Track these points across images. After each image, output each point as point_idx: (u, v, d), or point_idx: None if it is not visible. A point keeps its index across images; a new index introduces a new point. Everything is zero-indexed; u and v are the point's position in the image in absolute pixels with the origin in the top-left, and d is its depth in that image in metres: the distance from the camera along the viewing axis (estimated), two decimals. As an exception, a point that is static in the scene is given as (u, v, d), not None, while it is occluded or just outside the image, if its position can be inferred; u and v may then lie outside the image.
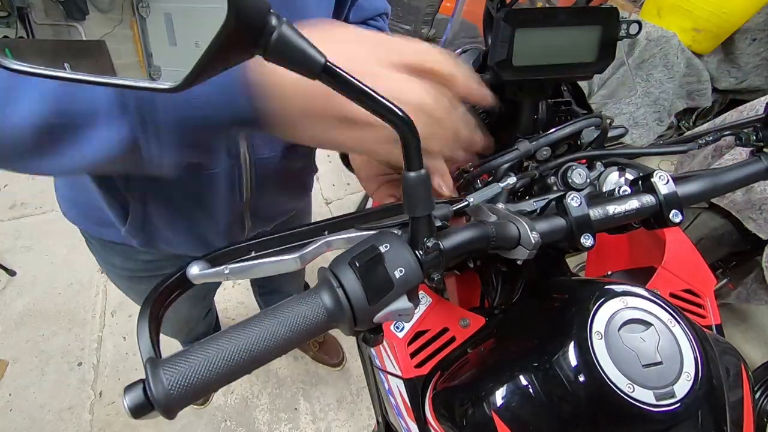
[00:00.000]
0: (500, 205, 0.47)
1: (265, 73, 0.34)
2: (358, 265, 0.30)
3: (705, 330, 0.42)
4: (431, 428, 0.46)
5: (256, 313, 0.30)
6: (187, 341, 1.27)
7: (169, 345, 1.38)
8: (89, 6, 0.32)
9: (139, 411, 0.25)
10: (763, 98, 1.27)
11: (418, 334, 0.49)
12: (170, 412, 0.25)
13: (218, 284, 1.15)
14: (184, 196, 0.59)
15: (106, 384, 1.57)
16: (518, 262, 0.39)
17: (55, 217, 2.02)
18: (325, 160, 2.34)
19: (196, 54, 0.22)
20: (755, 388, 1.36)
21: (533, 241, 0.37)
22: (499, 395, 0.38)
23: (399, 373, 0.49)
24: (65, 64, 0.29)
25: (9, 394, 1.53)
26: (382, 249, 0.31)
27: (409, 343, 0.49)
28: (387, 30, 0.70)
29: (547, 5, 0.59)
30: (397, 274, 0.30)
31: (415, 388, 0.48)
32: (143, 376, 0.26)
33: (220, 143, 0.54)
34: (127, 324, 1.73)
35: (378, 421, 0.74)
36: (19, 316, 1.74)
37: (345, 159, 0.60)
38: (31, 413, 1.49)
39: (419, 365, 0.48)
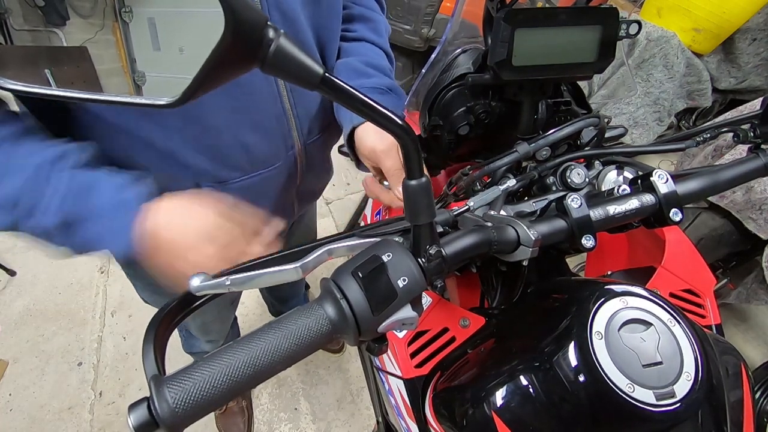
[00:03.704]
0: (500, 212, 0.47)
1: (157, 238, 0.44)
2: (361, 275, 0.30)
3: (705, 330, 0.42)
4: (431, 428, 0.46)
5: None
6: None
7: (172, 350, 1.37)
8: (70, 11, 0.32)
9: (144, 429, 0.25)
10: (763, 98, 1.27)
11: (418, 334, 0.49)
12: (176, 430, 0.25)
13: (239, 294, 1.13)
14: (253, 198, 0.61)
15: (106, 384, 1.57)
16: (524, 263, 0.39)
17: (55, 218, 2.01)
18: (325, 160, 2.33)
19: (180, 59, 0.22)
20: (755, 388, 1.36)
21: (533, 239, 0.37)
22: (499, 395, 0.38)
23: (399, 373, 0.49)
24: (46, 71, 0.29)
25: (9, 394, 1.53)
26: (385, 258, 0.31)
27: (409, 344, 0.49)
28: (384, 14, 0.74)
29: (547, 5, 0.59)
30: (401, 283, 0.30)
31: (416, 389, 0.48)
32: (147, 393, 0.26)
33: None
34: (127, 324, 1.72)
35: (378, 421, 0.74)
36: (19, 316, 1.74)
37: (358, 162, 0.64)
38: (31, 413, 1.49)
39: (419, 365, 0.48)
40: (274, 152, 0.60)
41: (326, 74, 0.24)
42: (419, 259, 0.32)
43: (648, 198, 0.43)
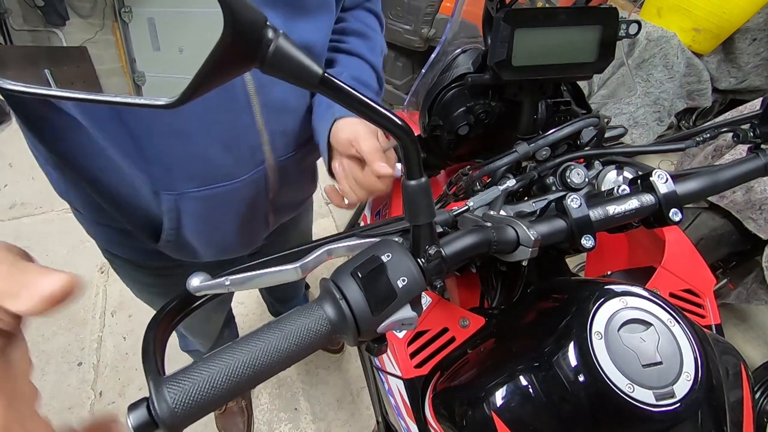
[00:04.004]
0: (499, 212, 0.47)
1: None
2: (360, 275, 0.30)
3: (705, 330, 0.42)
4: (431, 428, 0.46)
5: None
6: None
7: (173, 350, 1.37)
8: (69, 11, 0.32)
9: (143, 430, 0.25)
10: (763, 98, 1.26)
11: (418, 335, 0.49)
12: (176, 430, 0.25)
13: (230, 297, 1.14)
14: (214, 208, 0.60)
15: (106, 384, 1.57)
16: (523, 263, 0.39)
17: (55, 217, 2.02)
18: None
19: (180, 59, 0.22)
20: (755, 388, 1.36)
21: (533, 239, 0.37)
22: (499, 395, 0.38)
23: (399, 373, 0.49)
24: (46, 71, 0.29)
25: (9, 394, 1.53)
26: (384, 258, 0.31)
27: (409, 344, 0.49)
28: (379, 7, 0.72)
29: (547, 5, 0.59)
30: (400, 283, 0.30)
31: (415, 389, 0.48)
32: (146, 394, 0.26)
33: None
34: (127, 324, 1.72)
35: (378, 421, 0.74)
36: (19, 316, 1.74)
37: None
38: (31, 413, 1.49)
39: (419, 365, 0.48)
40: (240, 165, 0.58)
41: (326, 74, 0.24)
42: (419, 260, 0.32)
43: (648, 198, 0.43)
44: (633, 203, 0.43)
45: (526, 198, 0.50)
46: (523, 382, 0.37)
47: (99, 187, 0.56)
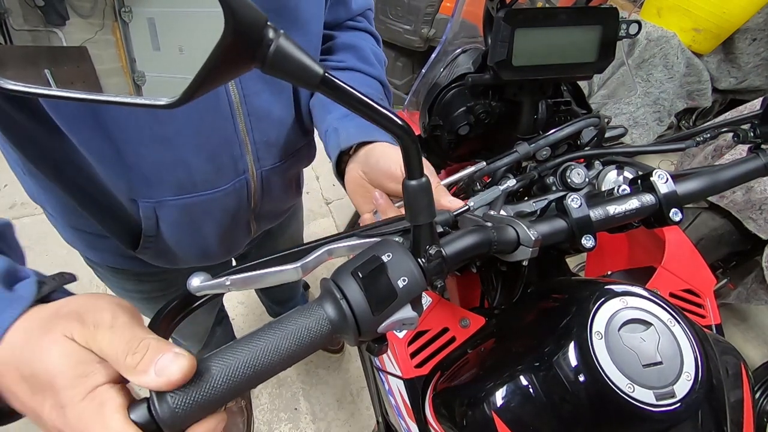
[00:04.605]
0: (500, 212, 0.47)
1: None
2: (361, 275, 0.30)
3: (705, 330, 0.42)
4: (431, 428, 0.46)
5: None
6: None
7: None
8: (69, 11, 0.32)
9: (144, 430, 0.25)
10: (763, 98, 1.26)
11: (419, 334, 0.49)
12: (176, 430, 0.25)
13: (220, 299, 1.14)
14: (193, 217, 0.59)
15: (106, 384, 1.57)
16: (523, 263, 0.39)
17: (55, 218, 2.02)
18: (326, 160, 2.30)
19: (180, 59, 0.22)
20: (755, 388, 1.36)
21: (533, 239, 0.37)
22: (499, 395, 0.38)
23: (399, 373, 0.49)
24: (46, 71, 0.29)
25: (9, 394, 1.53)
26: (385, 258, 0.31)
27: (409, 344, 0.49)
28: (372, 26, 0.70)
29: (547, 5, 0.59)
30: (401, 283, 0.30)
31: (416, 389, 0.48)
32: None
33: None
34: (127, 324, 1.73)
35: (378, 421, 0.74)
36: (19, 316, 1.73)
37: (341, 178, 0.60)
38: (31, 413, 1.49)
39: (419, 365, 0.48)
40: (221, 175, 0.57)
41: (326, 74, 0.24)
42: (419, 260, 0.32)
43: (648, 198, 0.43)
44: (633, 203, 0.43)
45: (526, 198, 0.50)
46: (524, 382, 0.37)
47: (73, 193, 0.54)
